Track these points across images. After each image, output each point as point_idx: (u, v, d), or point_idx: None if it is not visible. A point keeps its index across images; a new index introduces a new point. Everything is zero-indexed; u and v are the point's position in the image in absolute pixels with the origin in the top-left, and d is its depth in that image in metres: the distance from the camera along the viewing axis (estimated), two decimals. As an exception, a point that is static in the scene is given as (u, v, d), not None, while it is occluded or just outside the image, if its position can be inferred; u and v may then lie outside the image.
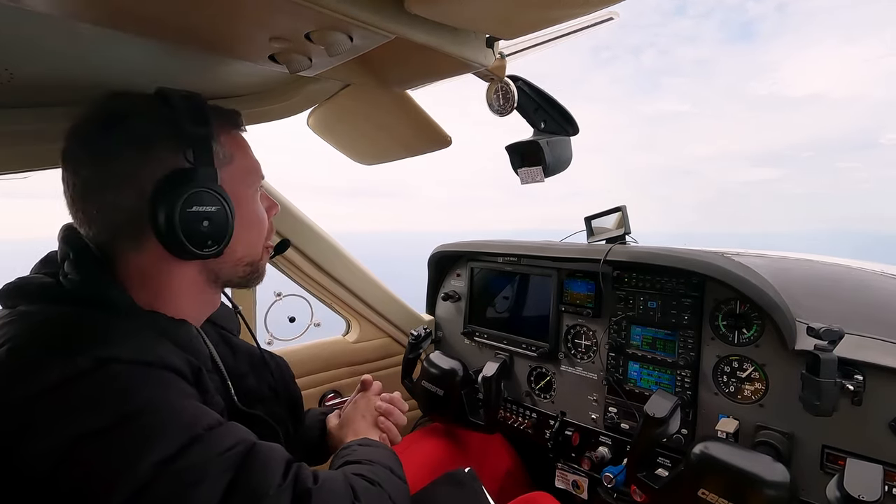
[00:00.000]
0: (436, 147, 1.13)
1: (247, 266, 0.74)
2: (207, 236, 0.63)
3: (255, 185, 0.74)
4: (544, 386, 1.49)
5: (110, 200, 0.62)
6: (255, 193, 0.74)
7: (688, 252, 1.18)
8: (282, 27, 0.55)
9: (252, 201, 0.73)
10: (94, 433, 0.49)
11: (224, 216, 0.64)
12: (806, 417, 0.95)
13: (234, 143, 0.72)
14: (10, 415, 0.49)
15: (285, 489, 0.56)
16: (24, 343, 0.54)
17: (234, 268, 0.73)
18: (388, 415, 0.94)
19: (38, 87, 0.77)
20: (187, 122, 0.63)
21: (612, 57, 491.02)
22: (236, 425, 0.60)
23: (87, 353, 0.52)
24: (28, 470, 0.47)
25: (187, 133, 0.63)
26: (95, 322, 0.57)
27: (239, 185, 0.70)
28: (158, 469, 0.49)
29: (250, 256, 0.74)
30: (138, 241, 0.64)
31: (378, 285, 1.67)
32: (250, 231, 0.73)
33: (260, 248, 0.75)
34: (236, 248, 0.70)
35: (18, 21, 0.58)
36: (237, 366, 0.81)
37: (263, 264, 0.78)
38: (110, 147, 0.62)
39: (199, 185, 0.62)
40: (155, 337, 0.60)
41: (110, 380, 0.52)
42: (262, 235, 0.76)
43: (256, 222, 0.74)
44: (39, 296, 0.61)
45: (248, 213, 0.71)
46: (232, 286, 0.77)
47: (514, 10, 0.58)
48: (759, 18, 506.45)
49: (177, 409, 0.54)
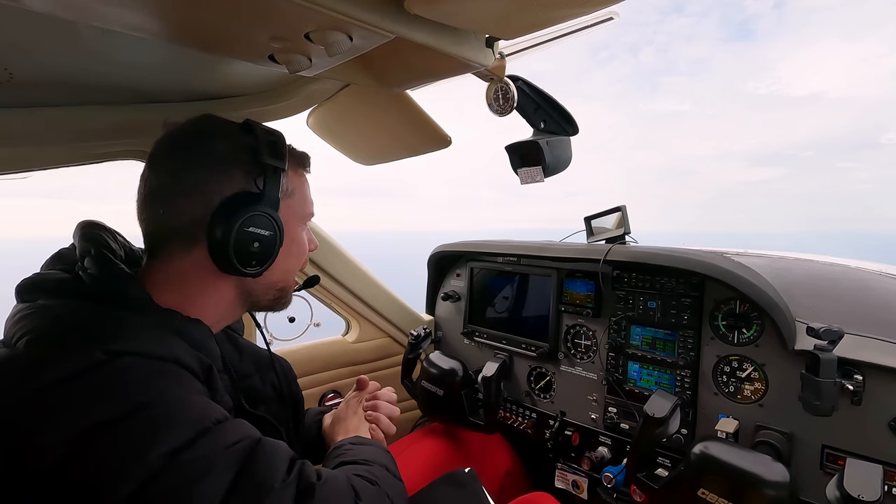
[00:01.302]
0: (435, 147, 1.14)
1: (278, 291, 0.78)
2: (254, 256, 0.68)
3: (305, 221, 0.80)
4: (544, 386, 1.49)
5: (178, 205, 0.66)
6: (304, 228, 0.80)
7: (687, 252, 1.18)
8: (281, 27, 0.55)
9: (299, 234, 0.79)
10: (105, 423, 0.50)
11: (273, 241, 0.69)
12: (806, 417, 0.95)
13: (298, 181, 0.78)
14: (24, 405, 0.50)
15: (289, 484, 0.56)
16: (41, 335, 0.55)
17: (266, 290, 0.77)
18: (374, 408, 0.95)
19: (37, 87, 0.78)
20: (265, 152, 0.69)
21: (611, 56, 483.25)
22: (243, 422, 0.61)
23: (101, 346, 0.53)
24: (40, 459, 0.48)
25: (263, 162, 0.68)
26: (111, 317, 0.59)
27: (293, 217, 0.76)
28: (167, 460, 0.50)
29: (283, 283, 0.79)
30: (189, 248, 0.67)
31: (378, 285, 1.67)
32: (289, 259, 0.77)
33: (293, 276, 0.81)
34: (274, 272, 0.74)
35: (18, 21, 0.58)
36: (242, 366, 0.82)
37: (290, 292, 0.82)
38: (191, 159, 0.67)
39: (260, 210, 0.67)
40: (168, 334, 0.62)
41: (122, 372, 0.53)
42: (299, 266, 0.81)
43: (297, 253, 0.79)
44: (59, 291, 0.62)
45: (293, 243, 0.77)
46: (258, 309, 0.82)
47: (513, 10, 0.58)
48: (757, 17, 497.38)
49: (186, 403, 0.55)
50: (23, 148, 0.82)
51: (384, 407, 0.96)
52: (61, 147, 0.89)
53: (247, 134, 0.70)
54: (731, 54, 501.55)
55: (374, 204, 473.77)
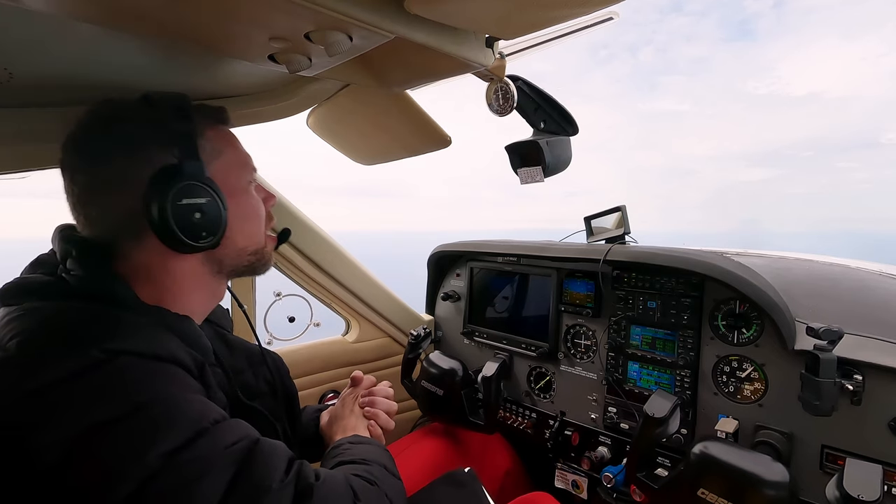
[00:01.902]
0: (435, 147, 1.13)
1: (251, 255, 0.76)
2: (201, 227, 0.65)
3: (247, 178, 0.76)
4: (544, 386, 1.49)
5: (108, 202, 0.64)
6: (248, 185, 0.76)
7: (687, 252, 1.18)
8: (281, 27, 0.55)
9: (246, 193, 0.75)
10: (104, 424, 0.49)
11: (216, 207, 0.66)
12: (805, 417, 0.95)
13: (221, 138, 0.74)
14: (21, 407, 0.50)
15: (288, 484, 0.56)
16: (35, 336, 0.55)
17: (237, 257, 0.75)
18: (372, 404, 0.94)
19: (37, 87, 0.77)
20: (171, 120, 0.65)
21: (610, 55, 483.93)
22: (241, 421, 0.60)
23: (99, 345, 0.53)
24: (38, 461, 0.48)
25: (172, 131, 0.65)
26: (104, 316, 0.58)
27: (231, 177, 0.72)
28: (165, 460, 0.50)
29: (253, 245, 0.76)
30: (139, 239, 0.65)
31: (378, 285, 1.66)
32: (247, 221, 0.75)
33: (261, 237, 0.78)
34: (236, 238, 0.72)
35: (18, 21, 0.58)
36: (234, 362, 0.81)
37: (269, 251, 0.80)
38: (101, 152, 0.64)
39: (186, 179, 0.63)
40: (162, 331, 0.61)
41: (121, 371, 0.53)
42: (261, 225, 0.78)
43: (253, 213, 0.76)
44: (45, 293, 0.61)
45: (243, 204, 0.73)
46: (240, 275, 0.79)
47: (513, 10, 0.58)
48: (757, 16, 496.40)
49: (185, 402, 0.55)
50: (22, 147, 0.82)
51: (381, 403, 0.94)
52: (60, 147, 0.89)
53: (148, 107, 0.67)
54: (731, 54, 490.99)
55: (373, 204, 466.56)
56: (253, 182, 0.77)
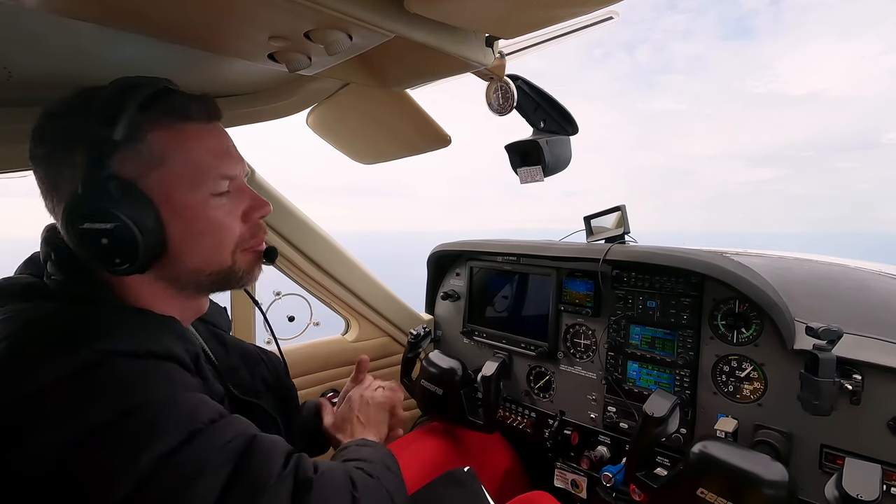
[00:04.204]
0: (435, 146, 1.13)
1: (210, 275, 0.67)
2: (112, 253, 0.57)
3: (205, 187, 0.63)
4: (543, 385, 1.49)
5: (51, 205, 0.62)
6: (207, 198, 0.64)
7: (687, 251, 1.18)
8: (281, 26, 0.55)
9: (201, 206, 0.63)
10: (97, 427, 0.49)
11: (125, 233, 0.56)
12: (805, 417, 0.95)
13: (170, 139, 0.61)
14: (10, 413, 0.49)
15: (286, 478, 0.56)
16: (23, 340, 0.53)
17: (194, 276, 0.66)
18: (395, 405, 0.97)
19: (36, 86, 0.77)
20: (93, 121, 0.56)
21: (606, 54, 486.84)
22: (238, 417, 0.60)
23: (85, 348, 0.52)
24: (30, 466, 0.47)
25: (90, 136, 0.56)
26: (89, 317, 0.57)
27: (177, 190, 0.61)
28: (160, 462, 0.49)
29: (212, 266, 0.66)
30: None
31: (377, 284, 1.67)
32: (202, 239, 0.64)
33: (224, 257, 0.67)
34: (184, 259, 0.64)
35: (17, 19, 0.58)
36: (229, 360, 0.80)
37: (241, 269, 0.69)
38: (42, 152, 0.61)
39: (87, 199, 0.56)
40: (152, 329, 0.60)
41: (112, 373, 0.52)
42: (223, 242, 0.66)
43: (210, 230, 0.64)
44: (27, 295, 0.60)
45: (192, 220, 0.63)
46: (210, 292, 0.73)
47: (513, 9, 0.58)
48: (754, 13, 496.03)
49: (179, 403, 0.54)
50: (21, 146, 0.82)
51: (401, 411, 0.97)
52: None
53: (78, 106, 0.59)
54: (729, 52, 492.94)
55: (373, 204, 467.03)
56: (222, 191, 0.65)
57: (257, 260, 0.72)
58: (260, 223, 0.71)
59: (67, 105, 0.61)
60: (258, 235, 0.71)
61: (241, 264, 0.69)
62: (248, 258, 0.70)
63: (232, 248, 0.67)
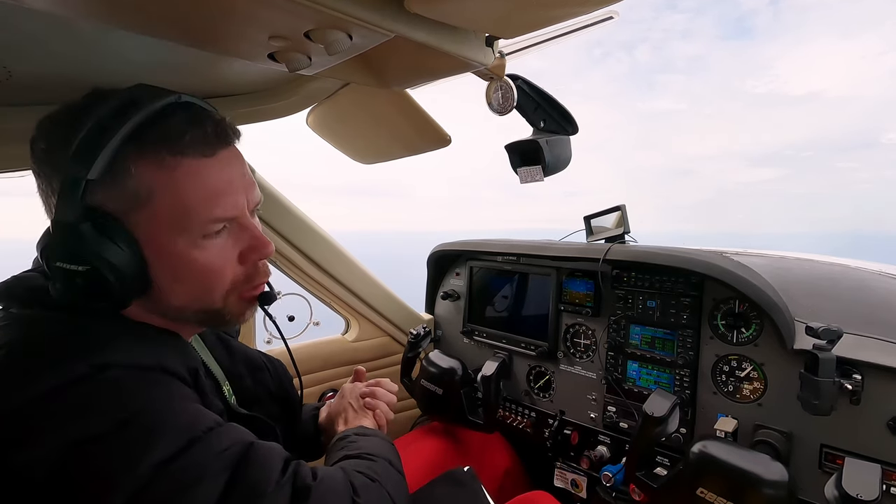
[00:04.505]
0: (435, 146, 1.13)
1: (197, 313, 0.63)
2: (87, 293, 0.55)
3: (193, 231, 0.58)
4: (543, 385, 1.49)
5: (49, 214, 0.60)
6: (194, 239, 0.58)
7: (687, 251, 1.18)
8: (281, 26, 0.55)
9: (185, 249, 0.58)
10: (94, 438, 0.49)
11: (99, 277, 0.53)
12: (804, 417, 0.95)
13: (159, 175, 0.55)
14: (9, 420, 0.49)
15: (284, 485, 0.56)
16: (20, 349, 0.53)
17: (179, 313, 0.62)
18: (372, 395, 0.94)
19: (36, 86, 0.77)
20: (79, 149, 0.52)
21: (605, 53, 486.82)
22: (235, 426, 0.60)
23: (85, 358, 0.52)
24: (26, 475, 0.47)
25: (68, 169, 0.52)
26: (91, 328, 0.56)
27: (162, 230, 0.57)
28: (157, 470, 0.49)
29: (196, 306, 0.62)
30: None
31: (377, 284, 1.67)
32: (188, 282, 0.60)
33: (213, 298, 0.62)
34: (168, 297, 0.60)
35: (17, 19, 0.58)
36: (234, 368, 0.80)
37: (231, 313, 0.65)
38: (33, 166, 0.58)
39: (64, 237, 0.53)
40: (149, 343, 0.59)
41: (108, 384, 0.52)
42: (212, 287, 0.62)
43: (196, 274, 0.60)
44: (29, 301, 0.59)
45: (178, 264, 0.59)
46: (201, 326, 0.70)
47: (513, 9, 0.58)
48: (753, 13, 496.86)
49: (175, 412, 0.54)
50: (21, 146, 0.82)
51: (382, 394, 0.94)
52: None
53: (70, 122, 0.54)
54: (728, 52, 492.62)
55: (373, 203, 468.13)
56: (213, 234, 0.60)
57: (251, 304, 0.68)
58: (259, 266, 0.65)
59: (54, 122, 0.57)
60: (256, 280, 0.66)
61: (231, 308, 0.65)
62: (241, 303, 0.66)
63: (223, 292, 0.63)
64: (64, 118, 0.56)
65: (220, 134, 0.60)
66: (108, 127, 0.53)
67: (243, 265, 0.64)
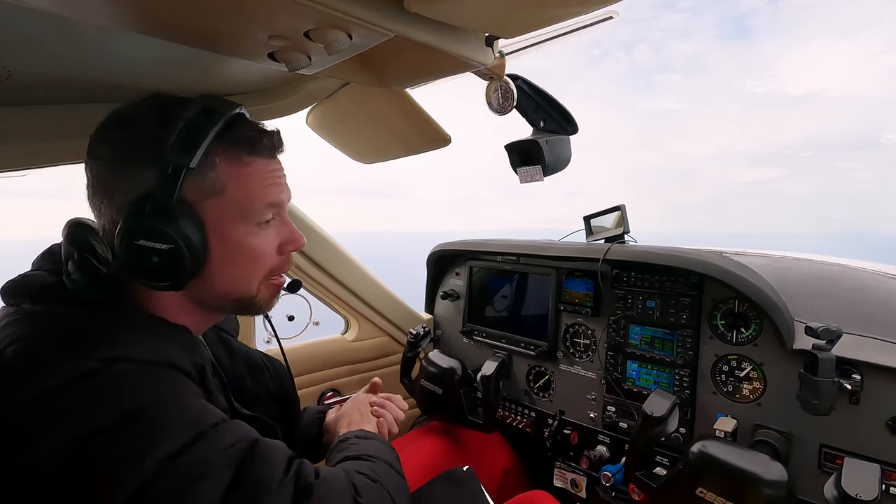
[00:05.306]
0: (435, 146, 1.13)
1: (234, 301, 0.69)
2: (158, 271, 0.59)
3: (252, 220, 0.66)
4: (543, 385, 1.50)
5: (102, 208, 0.62)
6: (251, 227, 0.66)
7: (687, 251, 1.18)
8: (281, 25, 0.55)
9: (244, 236, 0.66)
10: (101, 431, 0.49)
11: (177, 256, 0.58)
12: (804, 416, 0.95)
13: (235, 171, 0.64)
14: (18, 414, 0.49)
15: (287, 483, 0.56)
16: (32, 343, 0.54)
17: (217, 300, 0.68)
18: (382, 405, 0.96)
19: (36, 85, 0.77)
20: (169, 143, 0.58)
21: (604, 53, 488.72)
22: (240, 423, 0.60)
23: (94, 353, 0.52)
24: (35, 467, 0.48)
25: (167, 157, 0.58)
26: (100, 323, 0.57)
27: (227, 218, 0.64)
28: (163, 464, 0.50)
29: (237, 293, 0.68)
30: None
31: (377, 284, 1.67)
32: (233, 267, 0.66)
33: (251, 285, 0.69)
34: (215, 282, 0.65)
35: (17, 19, 0.58)
36: (234, 368, 0.81)
37: (262, 300, 0.71)
38: (105, 153, 0.61)
39: (151, 217, 0.58)
40: (158, 338, 0.60)
41: (117, 379, 0.52)
42: (255, 272, 0.69)
43: (244, 259, 0.67)
44: (42, 296, 0.60)
45: (233, 248, 0.65)
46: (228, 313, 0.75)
47: (513, 9, 0.58)
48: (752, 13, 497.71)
49: (182, 407, 0.55)
50: (21, 146, 0.82)
51: (392, 408, 0.96)
52: (59, 145, 0.89)
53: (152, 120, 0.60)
54: (728, 52, 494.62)
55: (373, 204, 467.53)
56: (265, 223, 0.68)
57: (277, 291, 0.75)
58: (290, 256, 0.74)
59: (139, 114, 0.62)
60: (285, 268, 0.74)
61: (263, 295, 0.71)
62: (271, 290, 0.73)
63: (260, 278, 0.69)
64: (147, 113, 0.62)
65: (278, 143, 0.70)
66: (201, 125, 0.60)
67: (279, 255, 0.71)
